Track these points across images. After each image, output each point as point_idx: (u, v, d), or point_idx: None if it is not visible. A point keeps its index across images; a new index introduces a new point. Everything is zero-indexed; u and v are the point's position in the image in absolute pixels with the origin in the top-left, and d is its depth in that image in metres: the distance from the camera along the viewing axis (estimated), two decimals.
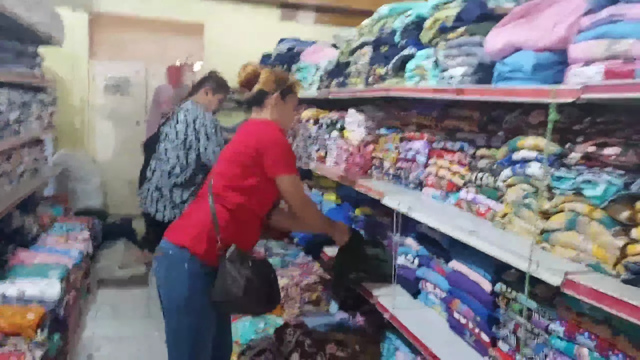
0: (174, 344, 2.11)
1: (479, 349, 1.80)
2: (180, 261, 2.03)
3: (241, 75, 2.27)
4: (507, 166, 1.65)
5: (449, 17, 1.94)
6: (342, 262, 2.50)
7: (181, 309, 2.05)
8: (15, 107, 3.94)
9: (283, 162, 2.12)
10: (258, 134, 2.15)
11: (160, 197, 3.39)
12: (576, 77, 1.32)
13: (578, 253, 1.33)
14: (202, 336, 2.06)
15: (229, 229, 2.06)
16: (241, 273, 1.96)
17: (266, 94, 2.23)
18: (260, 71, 2.26)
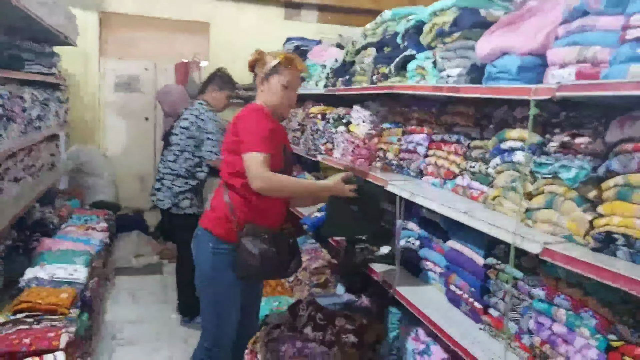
0: (204, 314, 2.37)
1: (473, 317, 2.04)
2: (205, 241, 2.29)
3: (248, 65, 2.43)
4: (496, 155, 1.89)
5: (446, 23, 2.16)
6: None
7: (206, 283, 2.32)
8: (37, 104, 4.16)
9: (247, 139, 2.19)
10: (238, 117, 2.30)
11: (162, 186, 3.73)
12: (553, 77, 1.55)
13: (555, 227, 1.57)
14: (225, 307, 2.30)
15: (243, 210, 2.29)
16: (256, 246, 2.18)
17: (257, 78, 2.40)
18: (257, 56, 2.39)
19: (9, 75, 3.45)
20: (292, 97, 2.37)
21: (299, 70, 2.36)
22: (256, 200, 2.27)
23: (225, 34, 6.47)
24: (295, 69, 2.34)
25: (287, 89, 2.33)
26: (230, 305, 2.31)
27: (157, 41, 6.38)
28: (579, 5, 1.49)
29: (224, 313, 2.31)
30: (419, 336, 2.28)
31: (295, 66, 2.33)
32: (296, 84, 2.39)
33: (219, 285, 2.29)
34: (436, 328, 2.04)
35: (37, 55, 4.30)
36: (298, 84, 2.41)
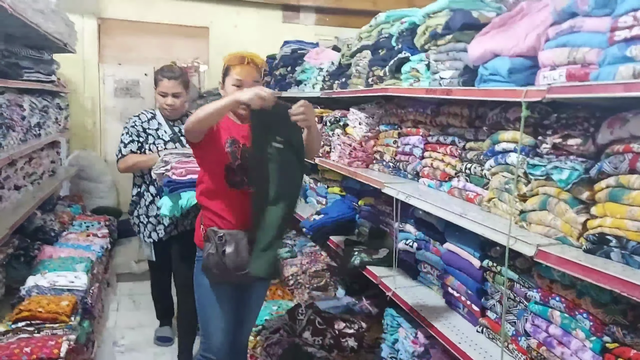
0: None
1: (471, 319, 2.04)
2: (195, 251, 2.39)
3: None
4: (490, 157, 1.89)
5: (439, 25, 2.16)
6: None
7: (194, 290, 2.39)
8: (36, 111, 4.18)
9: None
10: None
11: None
12: (545, 79, 1.55)
13: (549, 229, 1.57)
14: (207, 313, 2.34)
15: (207, 215, 2.32)
16: (212, 248, 2.20)
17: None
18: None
19: (7, 84, 3.47)
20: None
21: (245, 65, 2.26)
22: (214, 205, 2.29)
23: (224, 38, 6.48)
24: (241, 64, 2.26)
25: (240, 87, 2.24)
26: (211, 310, 2.32)
27: (156, 46, 6.40)
28: (567, 7, 1.49)
29: (206, 318, 2.34)
30: (419, 339, 2.28)
31: (239, 62, 2.27)
32: (248, 77, 2.26)
33: (199, 291, 2.36)
34: (434, 331, 2.04)
35: (36, 62, 4.32)
36: (251, 77, 2.27)
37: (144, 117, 3.40)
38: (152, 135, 3.32)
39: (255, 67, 2.29)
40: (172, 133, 3.32)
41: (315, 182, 3.96)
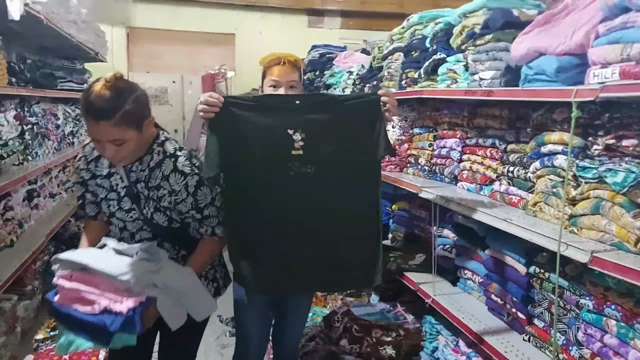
0: None
1: (517, 327, 1.97)
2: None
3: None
4: (535, 159, 1.82)
5: (476, 25, 2.11)
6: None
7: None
8: (69, 120, 4.25)
9: None
10: None
11: None
12: (595, 77, 1.49)
13: (602, 234, 1.50)
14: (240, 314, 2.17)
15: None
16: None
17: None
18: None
19: (44, 94, 3.53)
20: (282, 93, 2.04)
21: (281, 65, 2.04)
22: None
23: (250, 44, 6.52)
24: (277, 65, 2.05)
25: (276, 88, 2.03)
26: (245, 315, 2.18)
27: (183, 54, 6.48)
28: (619, 2, 1.43)
29: (240, 323, 2.22)
30: (460, 347, 2.22)
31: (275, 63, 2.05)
32: (284, 78, 2.02)
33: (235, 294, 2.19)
34: (478, 339, 1.98)
35: (70, 72, 4.41)
36: (287, 78, 2.03)
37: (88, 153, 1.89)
38: (103, 186, 1.86)
39: (292, 67, 2.09)
40: (127, 183, 1.81)
41: None
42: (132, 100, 1.62)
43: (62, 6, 3.56)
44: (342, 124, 1.75)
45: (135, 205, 1.79)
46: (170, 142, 1.80)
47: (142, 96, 1.68)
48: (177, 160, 1.74)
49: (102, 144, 1.65)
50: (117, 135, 1.62)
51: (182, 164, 1.73)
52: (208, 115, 1.72)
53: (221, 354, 3.49)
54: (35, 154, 3.34)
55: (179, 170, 1.73)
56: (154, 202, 1.76)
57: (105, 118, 1.58)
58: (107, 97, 1.58)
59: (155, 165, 1.75)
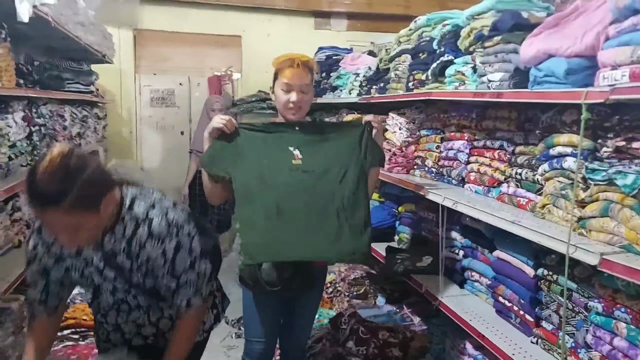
0: None
1: (524, 329, 1.96)
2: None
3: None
4: (544, 161, 1.82)
5: (485, 27, 2.11)
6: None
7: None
8: (76, 121, 4.27)
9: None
10: None
11: None
12: (605, 80, 1.48)
13: (612, 237, 1.49)
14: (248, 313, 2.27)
15: None
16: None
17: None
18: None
19: (51, 95, 3.55)
20: (294, 97, 2.07)
21: (295, 68, 2.07)
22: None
23: (256, 46, 6.52)
24: (290, 67, 2.07)
25: (287, 92, 2.08)
26: (253, 315, 2.25)
27: (190, 56, 6.48)
28: (629, 4, 1.42)
29: (248, 321, 2.29)
30: (467, 349, 2.21)
31: (289, 65, 2.07)
32: (297, 81, 2.06)
33: (244, 293, 2.29)
34: (485, 341, 1.97)
35: (77, 74, 4.42)
36: (301, 81, 2.07)
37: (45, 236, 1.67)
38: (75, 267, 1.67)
39: (305, 70, 2.10)
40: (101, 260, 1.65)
41: None
42: (83, 181, 1.39)
43: (70, 8, 3.58)
44: (332, 142, 2.05)
45: (119, 276, 1.64)
46: (139, 203, 1.59)
47: (97, 173, 1.45)
48: (151, 224, 1.57)
49: (54, 231, 1.47)
50: (69, 222, 1.40)
51: (157, 227, 1.58)
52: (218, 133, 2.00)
53: (227, 355, 3.50)
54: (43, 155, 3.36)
55: (154, 235, 1.58)
56: (140, 270, 1.62)
57: (52, 205, 1.36)
58: (52, 180, 1.34)
59: (131, 234, 1.58)
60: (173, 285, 1.64)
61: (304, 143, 2.04)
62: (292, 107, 2.08)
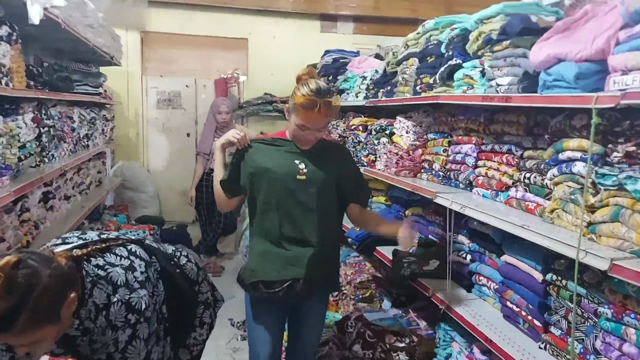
0: None
1: (533, 335, 1.95)
2: None
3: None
4: (553, 166, 1.81)
5: (493, 31, 2.11)
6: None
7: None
8: (85, 123, 4.29)
9: None
10: None
11: None
12: (616, 84, 1.48)
13: (622, 242, 1.48)
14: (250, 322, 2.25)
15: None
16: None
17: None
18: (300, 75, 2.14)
19: (61, 97, 3.57)
20: (309, 136, 2.09)
21: (315, 112, 1.98)
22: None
23: (262, 49, 6.54)
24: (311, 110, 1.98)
25: (302, 130, 2.06)
26: (255, 323, 2.25)
27: (196, 58, 6.51)
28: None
29: (251, 330, 2.28)
30: (474, 354, 2.20)
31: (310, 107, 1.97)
32: (313, 126, 2.05)
33: (246, 301, 2.31)
34: (493, 346, 1.96)
35: (85, 76, 4.46)
36: (318, 125, 2.06)
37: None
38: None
39: (325, 114, 2.01)
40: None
41: None
42: (36, 297, 1.24)
43: (80, 10, 3.60)
44: (332, 163, 2.17)
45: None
46: (99, 287, 1.47)
47: (52, 281, 1.29)
48: (108, 313, 1.48)
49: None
50: (25, 340, 1.29)
51: (114, 316, 1.49)
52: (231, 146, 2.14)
53: (233, 357, 3.50)
54: (52, 156, 3.38)
55: (112, 325, 1.48)
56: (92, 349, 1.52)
57: (1, 331, 1.23)
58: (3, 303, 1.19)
59: (94, 318, 1.47)
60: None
61: (308, 160, 2.12)
62: (304, 142, 2.12)
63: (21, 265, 1.25)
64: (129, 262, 1.59)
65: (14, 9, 2.56)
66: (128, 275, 1.55)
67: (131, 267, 1.58)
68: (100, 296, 1.47)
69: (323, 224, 2.12)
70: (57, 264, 1.35)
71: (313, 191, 2.09)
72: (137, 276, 1.56)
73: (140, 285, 1.56)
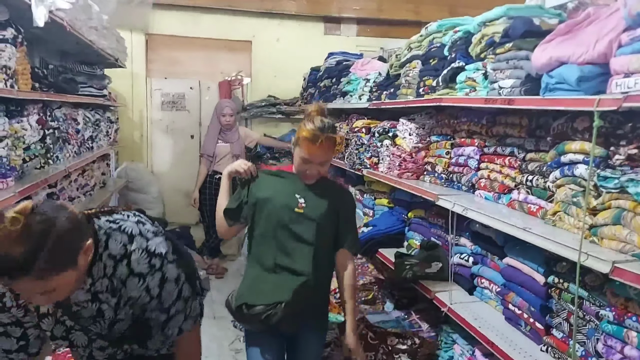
0: None
1: (534, 337, 1.95)
2: None
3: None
4: (555, 168, 1.81)
5: (496, 33, 2.11)
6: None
7: None
8: (89, 125, 4.31)
9: None
10: None
11: None
12: (618, 87, 1.48)
13: (624, 245, 1.48)
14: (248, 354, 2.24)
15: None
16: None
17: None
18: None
19: (65, 99, 3.59)
20: (311, 169, 2.14)
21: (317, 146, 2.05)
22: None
23: (266, 51, 6.56)
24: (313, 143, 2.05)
25: (305, 164, 2.12)
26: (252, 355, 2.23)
27: (200, 60, 6.53)
28: None
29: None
30: (476, 357, 2.20)
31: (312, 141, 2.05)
32: (316, 160, 2.10)
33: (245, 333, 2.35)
34: (495, 348, 1.96)
35: (90, 78, 4.48)
36: (320, 159, 2.11)
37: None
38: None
39: (327, 150, 2.09)
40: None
41: (362, 193, 3.92)
42: (53, 240, 1.27)
43: (85, 13, 3.62)
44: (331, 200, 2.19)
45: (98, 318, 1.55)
46: (114, 239, 1.48)
47: (67, 225, 1.31)
48: (129, 261, 1.48)
49: (28, 296, 1.36)
50: (45, 287, 1.30)
51: (137, 264, 1.49)
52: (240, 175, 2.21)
53: (235, 358, 3.51)
54: (56, 158, 3.39)
55: (135, 273, 1.49)
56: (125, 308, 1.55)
57: (21, 274, 1.24)
58: (17, 247, 1.22)
59: (112, 271, 1.48)
60: (163, 318, 1.58)
61: (307, 194, 2.17)
62: (308, 177, 2.16)
63: (37, 209, 1.28)
64: (138, 218, 1.60)
65: (20, 12, 2.58)
66: (140, 227, 1.55)
67: (141, 221, 1.59)
68: (116, 247, 1.48)
69: (316, 257, 2.12)
70: (71, 210, 1.37)
71: (309, 225, 2.12)
72: (149, 228, 1.57)
73: (155, 234, 1.56)
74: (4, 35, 2.50)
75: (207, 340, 3.79)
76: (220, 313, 4.13)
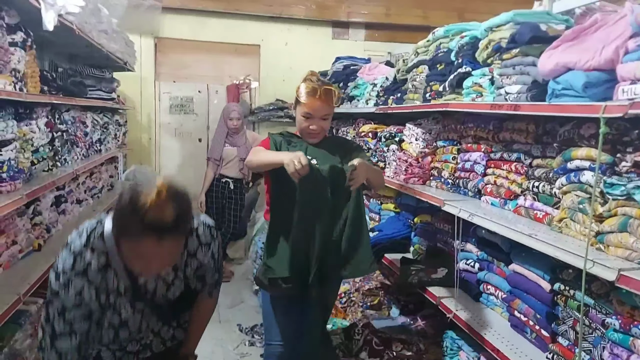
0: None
1: (540, 345, 1.94)
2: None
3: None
4: (562, 175, 1.80)
5: (503, 39, 2.11)
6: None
7: None
8: (97, 128, 4.34)
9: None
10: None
11: None
12: (625, 94, 1.47)
13: (630, 252, 1.47)
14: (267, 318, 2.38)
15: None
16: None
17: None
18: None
19: (74, 102, 3.62)
20: (314, 125, 2.25)
21: (316, 99, 2.20)
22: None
23: (274, 55, 6.58)
24: (312, 97, 2.20)
25: (308, 119, 2.25)
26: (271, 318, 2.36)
27: (209, 64, 6.56)
28: None
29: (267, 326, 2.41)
30: None
31: (311, 95, 2.20)
32: (317, 113, 2.24)
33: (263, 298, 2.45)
34: (500, 355, 1.95)
35: (99, 81, 4.51)
36: (321, 113, 2.25)
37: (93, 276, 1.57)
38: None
39: (327, 101, 2.24)
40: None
41: (368, 198, 3.91)
42: (190, 205, 1.51)
43: (94, 16, 3.66)
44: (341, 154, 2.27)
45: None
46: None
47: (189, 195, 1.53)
48: (198, 235, 1.72)
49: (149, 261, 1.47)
50: (175, 247, 1.50)
51: (203, 235, 1.73)
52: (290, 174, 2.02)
53: None
54: (64, 161, 3.42)
55: (203, 243, 1.73)
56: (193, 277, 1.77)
57: (172, 232, 1.43)
58: (168, 212, 1.40)
59: (185, 245, 1.67)
60: (217, 277, 1.84)
61: (318, 153, 2.24)
62: (312, 133, 2.28)
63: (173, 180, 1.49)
64: None
65: (30, 15, 2.60)
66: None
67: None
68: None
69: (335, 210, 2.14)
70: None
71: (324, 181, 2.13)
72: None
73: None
74: (13, 39, 2.53)
75: (212, 344, 3.80)
76: (226, 317, 4.13)
